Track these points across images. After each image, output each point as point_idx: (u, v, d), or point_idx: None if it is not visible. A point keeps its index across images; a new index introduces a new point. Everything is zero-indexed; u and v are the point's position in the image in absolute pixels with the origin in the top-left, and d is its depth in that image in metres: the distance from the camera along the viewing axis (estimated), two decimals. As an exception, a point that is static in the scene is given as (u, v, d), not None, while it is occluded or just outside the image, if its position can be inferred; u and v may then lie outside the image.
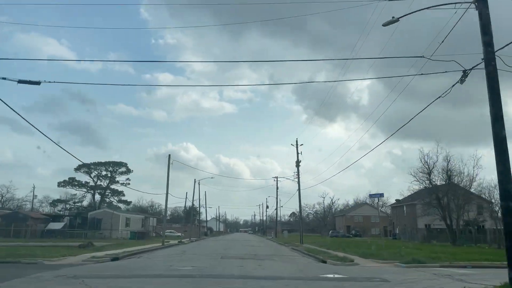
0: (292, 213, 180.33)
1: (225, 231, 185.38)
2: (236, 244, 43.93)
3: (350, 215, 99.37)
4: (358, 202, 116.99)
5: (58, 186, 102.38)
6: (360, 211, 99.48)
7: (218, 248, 33.03)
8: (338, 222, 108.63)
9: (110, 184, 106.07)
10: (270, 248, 36.23)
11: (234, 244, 42.25)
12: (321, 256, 24.35)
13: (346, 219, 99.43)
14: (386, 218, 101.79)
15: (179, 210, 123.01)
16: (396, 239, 61.30)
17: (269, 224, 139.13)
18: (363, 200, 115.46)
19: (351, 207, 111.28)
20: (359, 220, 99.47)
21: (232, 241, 53.41)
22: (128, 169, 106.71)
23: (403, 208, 62.51)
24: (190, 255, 24.61)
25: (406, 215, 60.91)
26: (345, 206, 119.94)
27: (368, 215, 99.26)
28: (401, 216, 63.32)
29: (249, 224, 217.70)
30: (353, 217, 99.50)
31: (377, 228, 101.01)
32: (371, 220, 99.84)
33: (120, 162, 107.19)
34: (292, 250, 34.49)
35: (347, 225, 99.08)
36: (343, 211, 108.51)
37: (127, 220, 58.29)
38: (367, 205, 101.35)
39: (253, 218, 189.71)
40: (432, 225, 55.44)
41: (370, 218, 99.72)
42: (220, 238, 76.99)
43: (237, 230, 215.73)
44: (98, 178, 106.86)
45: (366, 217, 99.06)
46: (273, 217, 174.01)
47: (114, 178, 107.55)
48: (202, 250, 29.91)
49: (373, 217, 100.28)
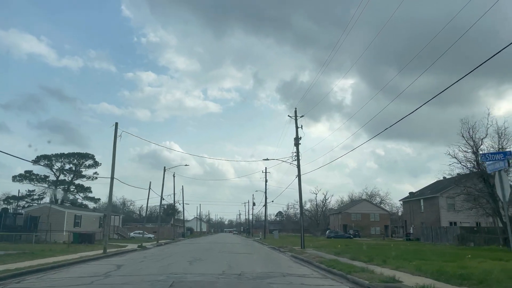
0: (278, 212, 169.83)
1: (208, 232, 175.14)
2: (214, 249, 32.17)
3: (347, 213, 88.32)
4: (353, 198, 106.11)
5: (13, 181, 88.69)
6: (358, 208, 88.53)
7: (182, 259, 21.15)
8: (333, 220, 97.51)
9: (74, 178, 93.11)
10: (262, 258, 24.50)
11: (210, 250, 30.48)
12: (360, 276, 12.90)
13: (343, 217, 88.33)
14: (387, 216, 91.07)
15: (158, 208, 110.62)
16: (410, 240, 50.33)
17: (255, 224, 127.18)
18: (359, 196, 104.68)
19: (346, 204, 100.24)
20: (357, 218, 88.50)
21: (210, 245, 41.71)
22: (96, 162, 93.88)
23: (419, 203, 51.43)
24: (117, 279, 12.84)
25: (424, 211, 49.88)
26: (339, 204, 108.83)
27: (367, 213, 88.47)
28: (417, 212, 52.30)
29: (234, 224, 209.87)
30: (350, 215, 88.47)
31: (377, 227, 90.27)
32: (370, 218, 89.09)
33: (86, 154, 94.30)
34: (296, 260, 22.79)
35: (344, 224, 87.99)
36: (339, 208, 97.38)
37: (77, 218, 45.85)
38: (365, 202, 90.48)
39: (238, 218, 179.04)
40: (459, 222, 44.52)
41: (369, 216, 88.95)
42: (198, 240, 64.94)
43: (221, 230, 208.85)
44: (62, 172, 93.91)
45: (365, 215, 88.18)
46: (259, 216, 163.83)
47: (80, 172, 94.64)
48: (151, 265, 17.95)
49: (373, 214, 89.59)
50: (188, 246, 39.85)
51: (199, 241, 56.23)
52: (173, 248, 36.35)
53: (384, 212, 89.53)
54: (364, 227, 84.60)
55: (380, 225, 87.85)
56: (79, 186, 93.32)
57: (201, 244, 45.79)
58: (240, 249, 33.31)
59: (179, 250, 31.38)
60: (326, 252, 25.53)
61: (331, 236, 66.72)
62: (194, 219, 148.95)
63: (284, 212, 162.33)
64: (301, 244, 32.17)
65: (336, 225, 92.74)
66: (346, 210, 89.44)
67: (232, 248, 34.36)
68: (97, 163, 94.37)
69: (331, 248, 28.59)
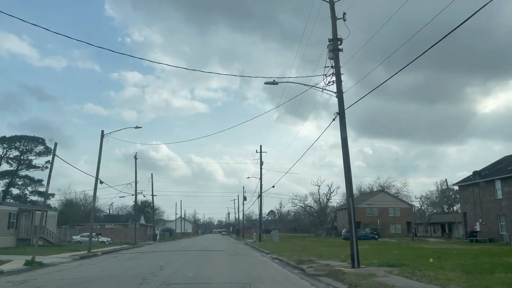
0: (270, 211, 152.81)
1: (194, 233, 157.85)
2: (177, 265, 15.09)
3: (361, 208, 71.33)
4: (363, 192, 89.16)
5: None
6: (374, 202, 71.68)
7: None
8: (341, 217, 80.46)
9: (20, 168, 74.78)
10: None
11: (166, 270, 13.30)
12: None
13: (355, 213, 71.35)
14: (409, 210, 74.30)
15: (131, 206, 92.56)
16: (476, 241, 33.66)
17: (246, 224, 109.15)
18: (370, 188, 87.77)
19: (357, 197, 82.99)
20: (373, 214, 71.68)
21: (181, 254, 24.75)
22: (48, 148, 75.66)
23: (492, 186, 34.28)
24: None
25: (505, 197, 32.80)
26: (344, 199, 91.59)
27: (385, 207, 71.68)
28: (488, 200, 35.17)
29: (223, 224, 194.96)
30: (364, 210, 71.50)
31: (397, 225, 73.51)
32: (389, 214, 72.32)
33: (35, 138, 75.94)
34: None
35: (357, 221, 71.04)
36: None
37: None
38: (383, 194, 73.55)
39: (227, 218, 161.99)
40: None
41: (388, 211, 72.18)
42: (169, 245, 47.43)
43: (210, 231, 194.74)
44: (7, 161, 75.57)
45: (382, 210, 71.41)
46: (249, 215, 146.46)
47: (31, 162, 76.42)
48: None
49: (392, 209, 72.81)
50: (138, 258, 22.57)
51: (167, 247, 38.81)
52: (105, 263, 19.00)
53: (405, 206, 72.85)
54: (382, 225, 67.91)
55: (401, 221, 71.19)
56: (27, 178, 75.43)
57: (168, 252, 28.62)
58: (225, 262, 16.30)
59: (84, 275, 14.02)
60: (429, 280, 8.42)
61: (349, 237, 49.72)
62: (178, 219, 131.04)
63: (277, 211, 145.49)
64: (353, 259, 15.04)
65: (345, 223, 75.77)
66: (359, 204, 72.42)
67: (212, 260, 17.15)
68: (50, 150, 76.30)
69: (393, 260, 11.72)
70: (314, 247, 31.22)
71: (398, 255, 20.08)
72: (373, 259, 17.44)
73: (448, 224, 73.09)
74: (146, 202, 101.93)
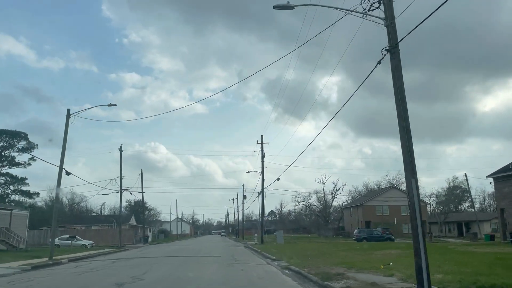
0: (270, 211, 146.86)
1: (192, 234, 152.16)
2: (146, 284, 9.41)
3: (370, 206, 65.76)
4: (371, 189, 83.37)
5: None
6: (385, 199, 65.95)
7: None
8: (348, 216, 74.86)
9: (0, 166, 69.02)
10: None
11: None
12: None
13: (365, 212, 65.73)
14: (423, 208, 68.57)
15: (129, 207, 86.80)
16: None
17: (246, 224, 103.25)
18: (378, 186, 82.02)
19: (366, 195, 77.25)
20: (384, 213, 66.02)
21: (164, 262, 19.17)
22: (31, 144, 70.18)
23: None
24: None
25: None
26: (351, 197, 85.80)
27: (397, 205, 65.87)
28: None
29: (223, 225, 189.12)
30: (374, 208, 65.92)
31: (410, 224, 67.90)
32: (402, 212, 66.52)
33: (17, 132, 70.11)
34: None
35: (367, 221, 65.47)
36: (359, 199, 74.48)
37: None
38: (395, 190, 67.74)
39: (227, 218, 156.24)
40: None
41: (400, 209, 66.42)
42: (161, 248, 41.74)
43: (209, 232, 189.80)
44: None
45: (394, 208, 65.75)
46: (249, 216, 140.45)
47: (13, 159, 70.70)
48: None
49: (404, 207, 66.93)
50: (80, 277, 16.85)
51: (154, 252, 33.08)
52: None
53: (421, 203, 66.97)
54: (394, 224, 62.25)
55: (414, 221, 65.43)
56: (8, 176, 69.59)
57: (142, 261, 22.97)
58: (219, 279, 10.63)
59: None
60: None
61: (362, 238, 44.09)
62: (175, 220, 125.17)
63: (277, 211, 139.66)
64: (422, 278, 9.16)
65: (353, 222, 70.15)
66: (368, 201, 66.78)
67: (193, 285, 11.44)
68: (33, 145, 70.60)
69: None
70: (330, 251, 25.52)
71: (462, 264, 14.33)
72: (435, 273, 11.65)
73: (465, 223, 67.47)
74: (140, 202, 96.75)
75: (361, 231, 45.38)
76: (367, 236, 44.48)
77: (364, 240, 43.95)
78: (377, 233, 45.79)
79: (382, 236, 45.33)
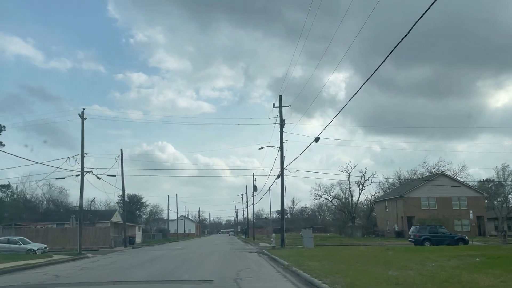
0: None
1: (199, 233, 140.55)
2: None
3: (413, 198, 52.36)
4: (403, 181, 69.75)
5: None
6: (431, 189, 52.54)
7: None
8: (380, 211, 61.50)
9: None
10: None
11: None
12: None
13: (406, 206, 52.42)
14: (481, 200, 55.03)
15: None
16: None
17: (256, 223, 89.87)
18: (415, 173, 68.47)
19: (402, 186, 63.63)
20: (431, 206, 52.68)
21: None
22: (-3, 125, 57.99)
23: None
24: None
25: None
26: (381, 189, 72.33)
27: (447, 196, 52.59)
28: None
29: (231, 223, 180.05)
30: (419, 200, 52.58)
31: (464, 220, 54.36)
32: (453, 206, 53.22)
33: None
34: None
35: (409, 216, 52.27)
36: (397, 189, 60.93)
37: None
38: (444, 178, 54.20)
39: (235, 216, 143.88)
40: None
41: (451, 202, 53.16)
42: (141, 253, 29.30)
43: (217, 231, 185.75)
44: None
45: (443, 200, 52.38)
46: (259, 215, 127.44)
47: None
48: None
49: (456, 198, 53.71)
50: None
51: (115, 262, 20.67)
52: None
53: (475, 194, 53.49)
54: (444, 221, 48.81)
55: (469, 216, 52.07)
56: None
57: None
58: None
59: None
60: None
61: (424, 239, 31.00)
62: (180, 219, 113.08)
63: (288, 209, 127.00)
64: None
65: (390, 219, 56.96)
66: (410, 192, 53.36)
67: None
68: (0, 127, 58.62)
69: None
70: (409, 263, 12.76)
71: None
72: None
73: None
74: (135, 197, 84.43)
75: (421, 229, 32.12)
76: (429, 236, 31.37)
77: (426, 243, 30.91)
78: (445, 232, 32.55)
79: (452, 237, 32.15)
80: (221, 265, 17.99)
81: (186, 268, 16.68)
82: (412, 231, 32.93)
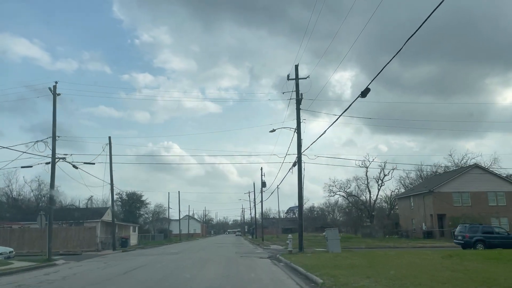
0: (289, 208, 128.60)
1: (204, 233, 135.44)
2: None
3: (444, 193, 46.11)
4: (425, 176, 63.30)
5: None
6: (463, 183, 46.28)
7: None
8: (406, 209, 55.13)
9: None
10: None
11: None
12: None
13: (435, 202, 46.17)
14: (521, 195, 48.75)
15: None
16: None
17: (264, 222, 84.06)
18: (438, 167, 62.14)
19: (435, 177, 57.25)
20: (465, 203, 46.40)
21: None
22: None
23: None
24: None
25: None
26: (401, 185, 66.14)
27: (483, 191, 46.28)
28: None
29: (238, 223, 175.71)
30: (450, 196, 46.31)
31: (502, 218, 47.79)
32: (489, 202, 46.93)
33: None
34: None
35: (439, 214, 46.08)
36: (425, 183, 54.57)
37: None
38: (478, 170, 47.79)
39: (242, 216, 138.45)
40: None
41: (487, 198, 46.86)
42: (126, 258, 23.44)
43: (224, 231, 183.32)
44: None
45: (478, 196, 46.09)
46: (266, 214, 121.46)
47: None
48: None
49: (493, 194, 47.39)
50: None
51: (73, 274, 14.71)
52: None
53: (513, 189, 47.11)
54: (480, 219, 42.46)
55: (508, 213, 45.75)
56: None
57: None
58: None
59: None
60: None
61: (476, 240, 24.94)
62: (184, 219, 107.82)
63: (296, 209, 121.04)
64: None
65: (416, 217, 50.71)
66: (440, 187, 47.07)
67: None
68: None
69: None
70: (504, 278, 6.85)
71: None
72: None
73: None
74: (134, 195, 78.83)
75: (471, 228, 25.90)
76: (483, 237, 25.19)
77: (479, 245, 24.79)
78: (501, 233, 26.37)
79: (510, 237, 25.98)
80: (219, 283, 12.06)
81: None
82: (460, 231, 26.75)
